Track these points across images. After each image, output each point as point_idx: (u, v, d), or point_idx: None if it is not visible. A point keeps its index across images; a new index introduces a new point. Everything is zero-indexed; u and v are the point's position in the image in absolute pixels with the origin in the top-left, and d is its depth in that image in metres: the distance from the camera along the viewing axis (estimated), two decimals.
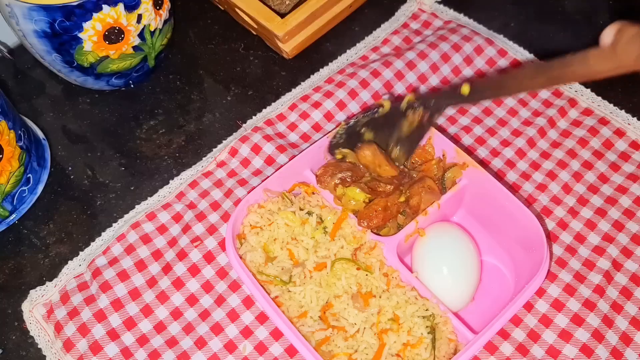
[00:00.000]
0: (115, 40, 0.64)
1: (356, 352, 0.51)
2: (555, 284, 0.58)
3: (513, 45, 0.75)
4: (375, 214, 0.56)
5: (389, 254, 0.55)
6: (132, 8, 0.63)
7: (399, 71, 0.72)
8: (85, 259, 0.62)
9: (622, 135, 0.67)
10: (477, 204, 0.60)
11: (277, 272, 0.55)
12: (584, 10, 0.78)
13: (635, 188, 0.63)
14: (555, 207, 0.62)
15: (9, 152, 0.60)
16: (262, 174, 0.66)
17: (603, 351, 0.54)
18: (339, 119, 0.70)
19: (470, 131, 0.68)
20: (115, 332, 0.57)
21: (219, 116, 0.73)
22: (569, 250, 0.60)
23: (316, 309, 0.53)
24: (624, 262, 0.59)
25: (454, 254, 0.56)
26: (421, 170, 0.60)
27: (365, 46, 0.77)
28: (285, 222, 0.57)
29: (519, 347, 0.55)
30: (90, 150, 0.71)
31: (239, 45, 0.79)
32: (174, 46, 0.79)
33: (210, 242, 0.62)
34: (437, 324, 0.52)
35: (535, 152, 0.66)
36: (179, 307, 0.58)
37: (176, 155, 0.70)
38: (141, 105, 0.74)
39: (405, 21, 0.78)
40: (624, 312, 0.56)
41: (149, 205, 0.66)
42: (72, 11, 0.60)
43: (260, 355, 0.56)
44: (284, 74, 0.76)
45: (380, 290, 0.53)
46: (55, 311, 0.59)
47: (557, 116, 0.68)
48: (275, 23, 0.71)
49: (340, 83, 0.71)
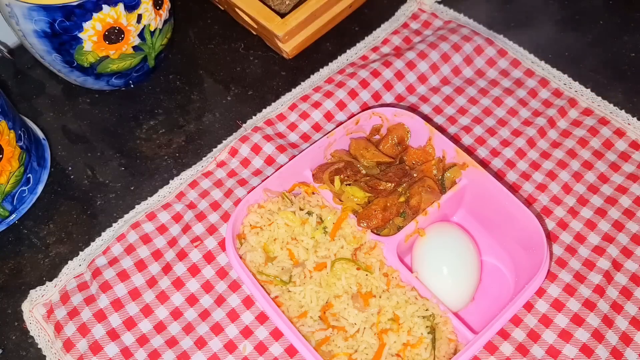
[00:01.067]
0: (115, 40, 0.64)
1: (356, 352, 0.51)
2: (555, 284, 0.58)
3: (513, 45, 0.75)
4: (375, 214, 0.56)
5: (389, 254, 0.55)
6: (132, 8, 0.63)
7: (399, 71, 0.72)
8: (85, 259, 0.62)
9: (622, 135, 0.67)
10: (477, 204, 0.60)
11: (277, 272, 0.55)
12: (584, 10, 0.78)
13: (635, 188, 0.63)
14: (555, 207, 0.62)
15: (9, 152, 0.60)
16: (262, 174, 0.66)
17: (603, 351, 0.54)
18: (339, 119, 0.70)
19: (470, 131, 0.68)
20: (115, 332, 0.57)
21: (219, 116, 0.73)
22: (569, 250, 0.60)
23: (316, 309, 0.53)
24: (624, 262, 0.59)
25: (454, 254, 0.56)
26: (421, 170, 0.60)
27: (365, 46, 0.77)
28: (285, 222, 0.57)
29: (519, 347, 0.55)
30: (90, 150, 0.71)
31: (239, 45, 0.79)
32: (174, 46, 0.79)
33: (210, 242, 0.62)
34: (437, 324, 0.52)
35: (535, 152, 0.66)
36: (179, 307, 0.58)
37: (176, 155, 0.70)
38: (141, 105, 0.74)
39: (405, 21, 0.78)
40: (624, 312, 0.56)
41: (149, 205, 0.66)
42: (72, 11, 0.60)
43: (260, 355, 0.56)
44: (284, 74, 0.76)
45: (380, 290, 0.53)
46: (55, 311, 0.59)
47: (557, 116, 0.68)
48: (275, 23, 0.71)
49: (340, 83, 0.71)
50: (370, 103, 0.71)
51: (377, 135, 0.64)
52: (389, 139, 0.62)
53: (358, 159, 0.62)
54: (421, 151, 0.62)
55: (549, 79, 0.71)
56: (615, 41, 0.75)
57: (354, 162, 0.61)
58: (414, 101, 0.71)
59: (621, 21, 0.77)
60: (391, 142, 0.62)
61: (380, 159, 0.61)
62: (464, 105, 0.70)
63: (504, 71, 0.73)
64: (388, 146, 0.62)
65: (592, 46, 0.75)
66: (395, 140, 0.62)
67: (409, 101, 0.71)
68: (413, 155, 0.62)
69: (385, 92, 0.71)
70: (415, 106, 0.70)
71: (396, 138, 0.62)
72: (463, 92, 0.71)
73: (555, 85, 0.71)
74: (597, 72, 0.72)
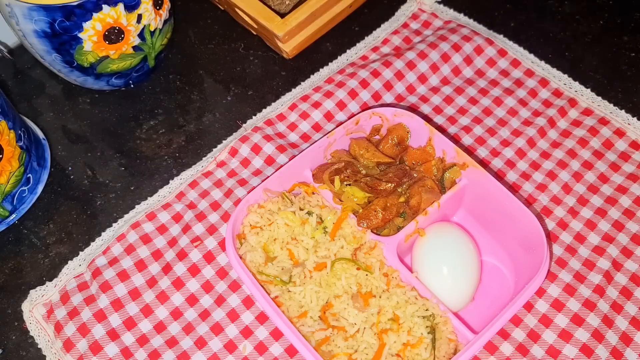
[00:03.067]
0: (115, 40, 0.64)
1: (356, 352, 0.51)
2: (555, 284, 0.58)
3: (513, 45, 0.75)
4: (375, 214, 0.56)
5: (389, 254, 0.55)
6: (132, 8, 0.63)
7: (399, 71, 0.72)
8: (85, 259, 0.62)
9: (622, 135, 0.67)
10: (477, 204, 0.60)
11: (277, 272, 0.55)
12: (584, 10, 0.78)
13: (635, 188, 0.63)
14: (555, 207, 0.62)
15: (9, 152, 0.60)
16: (262, 174, 0.66)
17: (603, 351, 0.54)
18: (339, 119, 0.70)
19: (470, 131, 0.68)
20: (115, 332, 0.57)
21: (219, 116, 0.73)
22: (569, 250, 0.60)
23: (316, 309, 0.53)
24: (624, 262, 0.59)
25: (454, 254, 0.56)
26: (421, 170, 0.60)
27: (365, 46, 0.77)
28: (285, 222, 0.57)
29: (519, 347, 0.55)
30: (90, 150, 0.71)
31: (239, 45, 0.79)
32: (174, 46, 0.79)
33: (210, 242, 0.62)
34: (437, 324, 0.52)
35: (535, 152, 0.66)
36: (179, 307, 0.58)
37: (176, 155, 0.70)
38: (141, 105, 0.74)
39: (405, 21, 0.78)
40: (624, 312, 0.56)
41: (149, 205, 0.66)
42: (72, 11, 0.60)
43: (260, 355, 0.56)
44: (284, 74, 0.76)
45: (380, 290, 0.53)
46: (55, 311, 0.59)
47: (557, 116, 0.68)
48: (275, 23, 0.71)
49: (340, 83, 0.71)
50: (370, 103, 0.71)
51: (377, 135, 0.64)
52: (389, 139, 0.62)
53: (358, 159, 0.62)
54: (421, 151, 0.62)
55: (549, 79, 0.71)
56: (615, 41, 0.75)
57: (354, 162, 0.61)
58: (414, 101, 0.71)
59: (621, 21, 0.77)
60: (391, 142, 0.62)
61: (380, 159, 0.61)
62: (464, 105, 0.70)
63: (504, 71, 0.73)
64: (388, 146, 0.62)
65: (592, 46, 0.75)
66: (395, 141, 0.62)
67: (409, 101, 0.71)
68: (413, 155, 0.62)
69: (385, 92, 0.71)
70: (415, 106, 0.71)
71: (396, 138, 0.62)
72: (463, 92, 0.71)
73: (555, 85, 0.71)
74: (597, 72, 0.72)
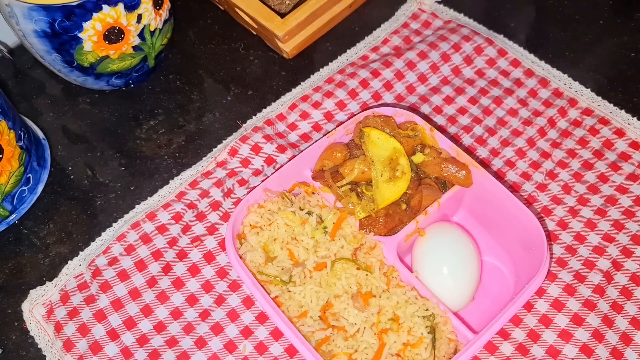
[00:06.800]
0: (115, 40, 0.64)
1: (356, 352, 0.51)
2: (555, 284, 0.58)
3: (513, 45, 0.75)
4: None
5: (389, 254, 0.55)
6: (132, 8, 0.63)
7: (399, 71, 0.72)
8: (85, 259, 0.62)
9: (622, 135, 0.67)
10: (477, 204, 0.60)
11: (277, 272, 0.55)
12: (584, 10, 0.78)
13: (635, 188, 0.63)
14: (555, 207, 0.62)
15: (9, 152, 0.60)
16: (262, 174, 0.66)
17: (603, 351, 0.54)
18: (339, 119, 0.70)
19: (470, 131, 0.68)
20: (115, 332, 0.57)
21: (219, 116, 0.73)
22: (569, 250, 0.60)
23: (316, 309, 0.53)
24: (624, 262, 0.59)
25: (454, 254, 0.56)
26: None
27: (365, 46, 0.77)
28: (285, 222, 0.57)
29: (519, 347, 0.55)
30: (90, 150, 0.71)
31: (239, 45, 0.79)
32: (174, 46, 0.79)
33: (210, 242, 0.62)
34: (437, 323, 0.52)
35: (535, 152, 0.66)
36: (179, 307, 0.58)
37: (176, 155, 0.70)
38: (141, 105, 0.74)
39: (405, 21, 0.78)
40: (624, 312, 0.56)
41: (149, 205, 0.66)
42: (72, 11, 0.60)
43: (260, 355, 0.56)
44: (284, 74, 0.76)
45: (380, 290, 0.53)
46: (55, 311, 0.59)
47: (557, 116, 0.68)
48: (275, 23, 0.71)
49: (340, 83, 0.71)
50: (370, 103, 0.71)
51: None
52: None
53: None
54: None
55: (549, 79, 0.71)
56: (615, 41, 0.75)
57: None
58: (414, 101, 0.71)
59: (621, 21, 0.77)
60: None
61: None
62: (464, 105, 0.70)
63: (504, 71, 0.73)
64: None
65: (592, 46, 0.75)
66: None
67: (409, 101, 0.71)
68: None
69: (385, 92, 0.71)
70: (415, 106, 0.71)
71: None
72: (463, 92, 0.71)
73: (555, 85, 0.71)
74: (597, 72, 0.72)
